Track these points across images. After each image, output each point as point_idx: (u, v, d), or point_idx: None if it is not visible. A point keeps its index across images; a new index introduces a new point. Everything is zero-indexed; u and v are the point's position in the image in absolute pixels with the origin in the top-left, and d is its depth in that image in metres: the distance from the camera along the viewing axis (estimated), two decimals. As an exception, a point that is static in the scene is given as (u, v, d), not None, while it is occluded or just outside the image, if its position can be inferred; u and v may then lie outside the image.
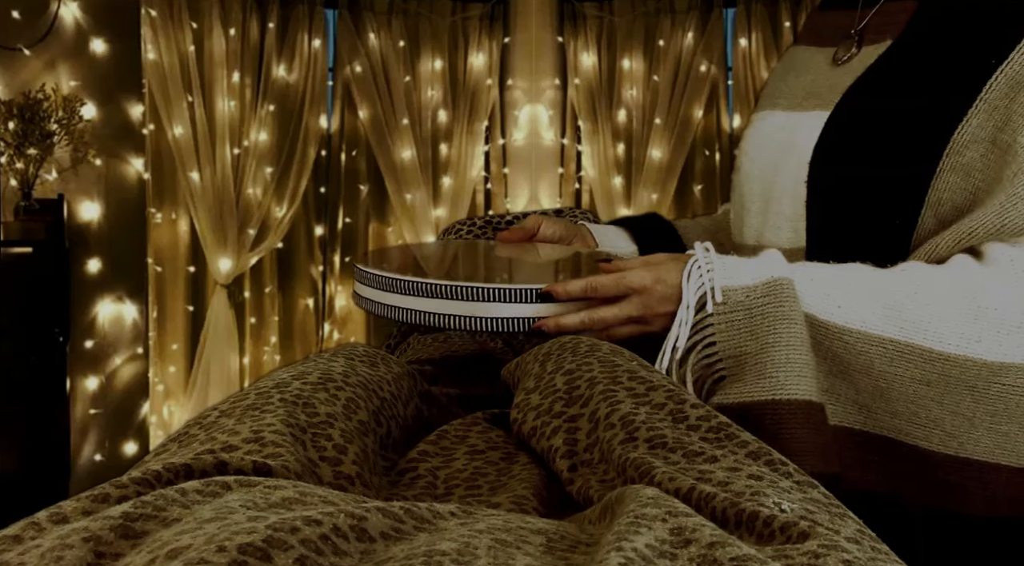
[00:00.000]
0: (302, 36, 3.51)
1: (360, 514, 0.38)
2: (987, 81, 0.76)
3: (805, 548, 0.41)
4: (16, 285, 2.89)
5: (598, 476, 0.57)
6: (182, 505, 0.41)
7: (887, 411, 0.73)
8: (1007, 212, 0.74)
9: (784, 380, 0.71)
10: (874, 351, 0.72)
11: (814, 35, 1.00)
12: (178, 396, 3.50)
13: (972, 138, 0.77)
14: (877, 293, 0.73)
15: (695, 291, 0.76)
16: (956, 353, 0.70)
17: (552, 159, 3.65)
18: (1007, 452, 0.71)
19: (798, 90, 0.94)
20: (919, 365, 0.71)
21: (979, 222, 0.75)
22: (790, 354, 0.71)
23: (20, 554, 0.36)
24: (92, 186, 3.15)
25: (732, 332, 0.74)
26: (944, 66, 0.80)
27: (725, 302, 0.75)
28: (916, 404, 0.71)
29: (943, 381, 0.71)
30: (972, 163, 0.77)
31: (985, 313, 0.71)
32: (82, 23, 3.13)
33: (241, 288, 3.58)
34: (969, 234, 0.76)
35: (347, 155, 3.69)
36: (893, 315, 0.72)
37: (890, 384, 0.72)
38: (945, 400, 0.71)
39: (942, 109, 0.78)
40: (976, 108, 0.76)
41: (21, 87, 3.01)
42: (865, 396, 0.73)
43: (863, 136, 0.83)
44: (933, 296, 0.72)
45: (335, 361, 0.68)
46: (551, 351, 0.73)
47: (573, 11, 3.67)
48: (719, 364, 0.76)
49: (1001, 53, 0.76)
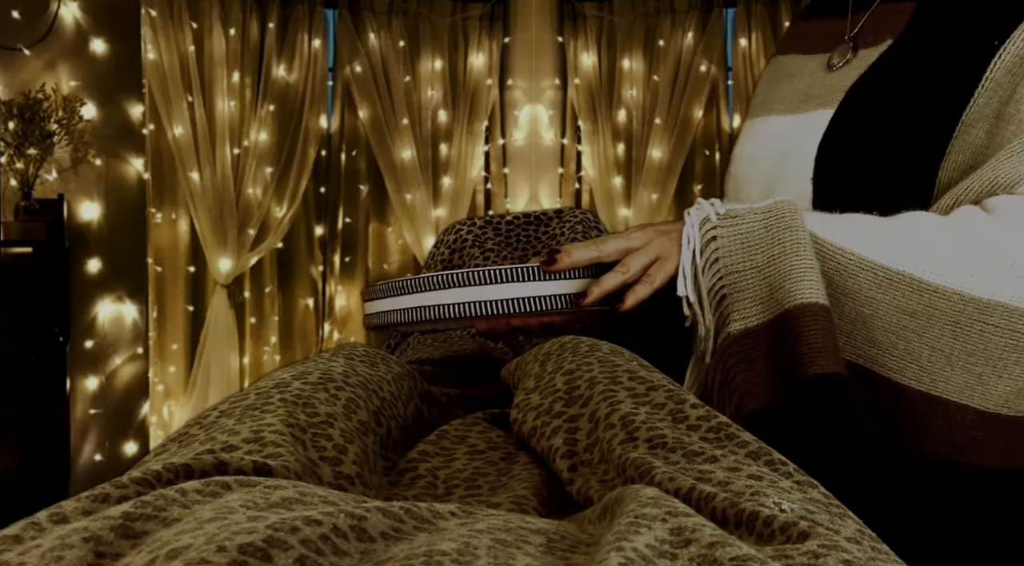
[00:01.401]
0: (302, 36, 3.51)
1: (360, 514, 0.38)
2: (991, 61, 0.78)
3: (805, 548, 0.41)
4: (16, 285, 2.89)
5: (598, 476, 0.57)
6: (182, 505, 0.41)
7: (866, 339, 0.73)
8: (1001, 165, 0.75)
9: (792, 287, 0.71)
10: (864, 275, 0.72)
11: (801, 43, 1.01)
12: (178, 396, 3.50)
13: (978, 116, 0.78)
14: (878, 226, 0.75)
15: (699, 214, 0.76)
16: (946, 286, 0.70)
17: (552, 159, 3.65)
18: (976, 394, 0.71)
19: (794, 94, 0.94)
20: (906, 294, 0.71)
21: (975, 178, 0.77)
22: (795, 261, 0.72)
23: (20, 554, 0.36)
24: (92, 186, 3.15)
25: (732, 247, 0.75)
26: (949, 56, 0.82)
27: (726, 215, 0.75)
28: (896, 334, 0.72)
29: (927, 313, 0.71)
30: (977, 140, 0.79)
31: (981, 250, 0.71)
32: (82, 23, 3.13)
33: (241, 288, 3.58)
34: (966, 189, 0.77)
35: (347, 155, 3.69)
36: (890, 245, 0.73)
37: (874, 310, 0.72)
38: (926, 333, 0.71)
39: (949, 94, 0.79)
40: (983, 87, 0.78)
41: (21, 87, 3.01)
42: (847, 322, 0.73)
43: (871, 127, 0.84)
44: (932, 233, 0.73)
45: (335, 361, 0.68)
46: (551, 351, 0.73)
47: (573, 11, 3.67)
48: (719, 284, 0.75)
49: (1004, 34, 0.78)
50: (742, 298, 0.74)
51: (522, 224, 1.51)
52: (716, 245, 0.75)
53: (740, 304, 0.74)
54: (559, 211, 1.56)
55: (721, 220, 0.75)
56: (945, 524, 0.76)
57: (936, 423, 0.72)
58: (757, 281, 0.74)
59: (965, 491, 0.75)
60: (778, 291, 0.72)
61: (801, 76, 0.96)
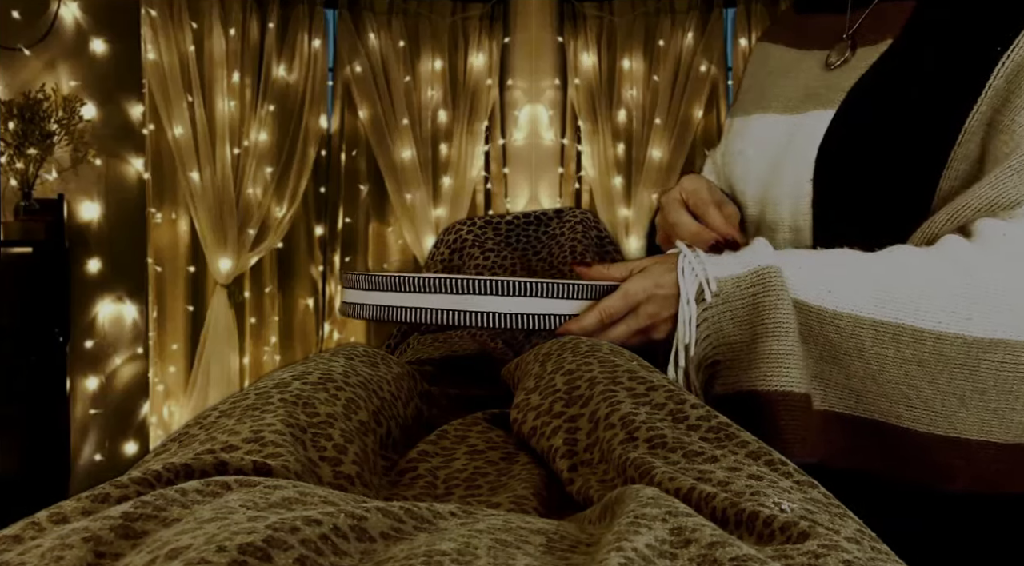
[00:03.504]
0: (302, 36, 3.51)
1: (360, 514, 0.38)
2: (994, 68, 0.77)
3: (805, 548, 0.41)
4: (16, 285, 2.89)
5: (598, 476, 0.57)
6: (182, 505, 0.41)
7: (878, 394, 0.73)
8: (1001, 184, 0.74)
9: (767, 371, 0.73)
10: (865, 334, 0.72)
11: (794, 37, 0.99)
12: (178, 396, 3.50)
13: (979, 124, 0.78)
14: (866, 276, 0.74)
15: (693, 285, 0.76)
16: (947, 331, 0.71)
17: (552, 159, 3.65)
18: (994, 429, 0.72)
19: (792, 93, 0.93)
20: (910, 345, 0.71)
21: (973, 195, 0.76)
22: (774, 346, 0.73)
23: (20, 554, 0.36)
24: (92, 186, 3.15)
25: (723, 323, 0.76)
26: (950, 60, 0.81)
27: (718, 293, 0.76)
28: (907, 385, 0.72)
29: (934, 360, 0.71)
30: (974, 150, 0.78)
31: (975, 290, 0.71)
32: (82, 23, 3.13)
33: (241, 288, 3.58)
34: (964, 207, 0.76)
35: (347, 155, 3.69)
36: (883, 297, 0.72)
37: (881, 366, 0.72)
38: (937, 379, 0.71)
39: (952, 100, 0.79)
40: (985, 95, 0.77)
41: (21, 87, 3.01)
42: (856, 380, 0.74)
43: (873, 131, 0.83)
44: (922, 276, 0.73)
45: (335, 361, 0.68)
46: (551, 351, 0.73)
47: (573, 11, 3.67)
48: (714, 353, 0.77)
49: (1006, 41, 0.77)
50: (732, 366, 0.77)
51: (522, 224, 1.51)
52: (709, 322, 0.77)
53: (729, 372, 0.77)
54: (559, 211, 1.56)
55: (715, 299, 0.77)
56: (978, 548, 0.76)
57: (960, 463, 0.72)
58: (744, 353, 0.75)
59: (997, 513, 0.76)
60: (753, 370, 0.74)
61: (798, 73, 0.94)
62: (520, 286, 0.78)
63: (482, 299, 0.78)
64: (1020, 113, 0.75)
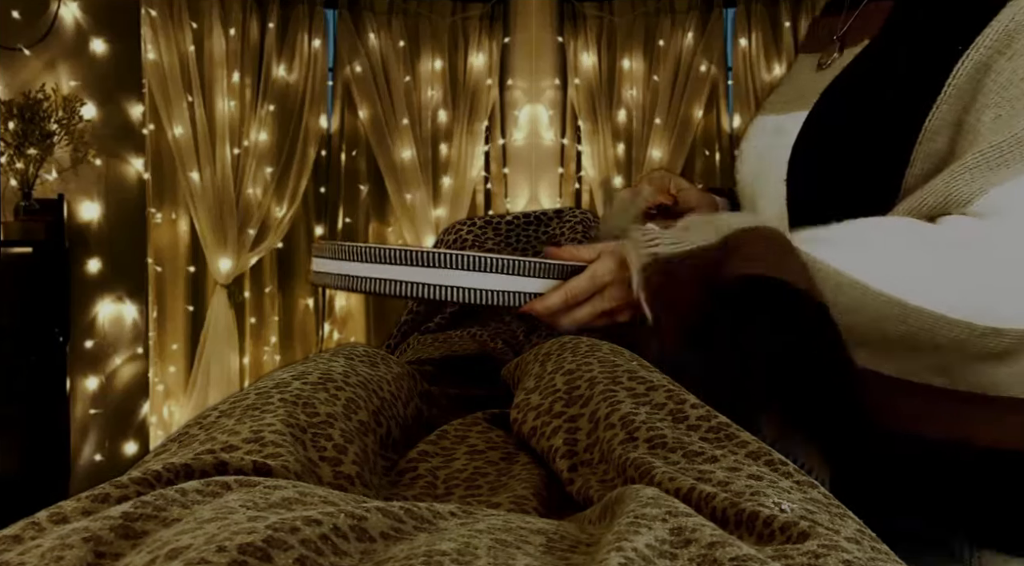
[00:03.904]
0: (302, 36, 3.51)
1: (360, 514, 0.38)
2: (954, 66, 0.77)
3: (805, 548, 0.41)
4: (16, 285, 2.89)
5: (598, 476, 0.57)
6: (182, 505, 0.41)
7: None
8: (955, 180, 0.75)
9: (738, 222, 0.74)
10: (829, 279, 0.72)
11: (809, 42, 1.02)
12: (178, 396, 3.50)
13: (942, 124, 0.78)
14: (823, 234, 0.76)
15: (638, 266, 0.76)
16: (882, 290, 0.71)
17: (552, 159, 3.65)
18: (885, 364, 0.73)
19: (787, 94, 0.95)
20: (843, 290, 0.72)
21: (929, 192, 0.76)
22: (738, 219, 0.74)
23: (20, 554, 0.36)
24: (92, 186, 3.15)
25: (680, 232, 0.76)
26: (915, 59, 0.81)
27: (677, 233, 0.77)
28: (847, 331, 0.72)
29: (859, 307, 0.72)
30: (942, 148, 0.78)
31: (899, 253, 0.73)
32: (82, 23, 3.13)
33: (241, 288, 3.58)
34: (920, 203, 0.76)
35: (347, 155, 3.69)
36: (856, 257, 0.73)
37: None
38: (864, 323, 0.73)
39: (913, 99, 0.79)
40: (945, 94, 0.77)
41: (21, 87, 3.01)
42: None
43: (841, 131, 0.84)
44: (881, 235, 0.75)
45: (335, 361, 0.68)
46: (551, 351, 0.73)
47: (573, 11, 3.67)
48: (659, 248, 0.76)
49: (967, 39, 0.77)
50: (674, 237, 0.76)
51: (522, 224, 1.51)
52: (656, 239, 0.76)
53: (670, 238, 0.76)
54: (559, 211, 1.55)
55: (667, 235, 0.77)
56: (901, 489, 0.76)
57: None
58: (700, 231, 0.76)
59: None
60: (719, 229, 0.74)
61: (797, 75, 0.97)
62: (487, 262, 0.77)
63: (447, 273, 0.76)
64: (983, 112, 0.75)
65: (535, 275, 0.79)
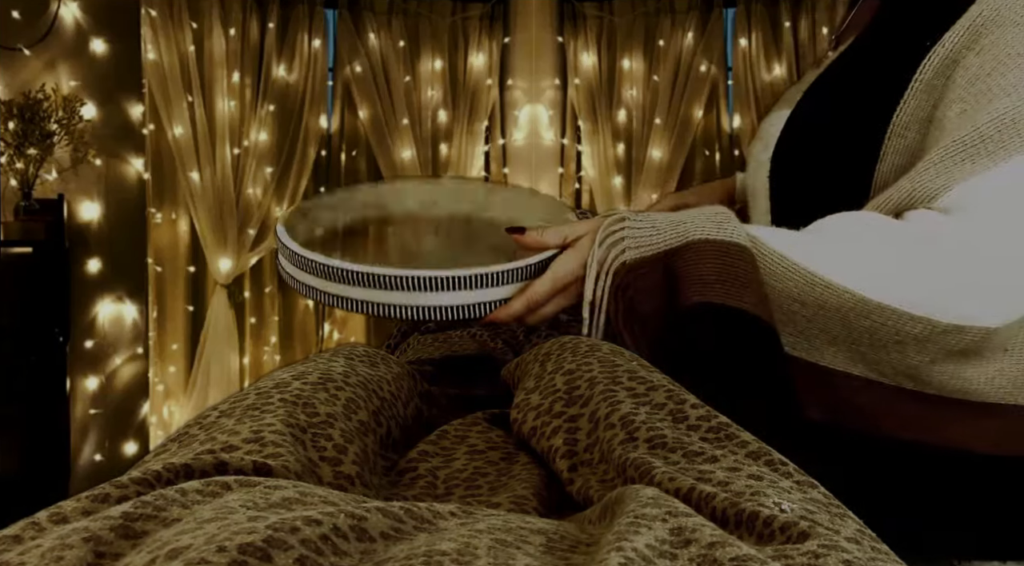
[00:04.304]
0: (302, 36, 3.51)
1: (360, 514, 0.39)
2: (921, 62, 0.77)
3: (805, 548, 0.41)
4: (16, 285, 2.89)
5: (598, 476, 0.57)
6: (182, 505, 0.41)
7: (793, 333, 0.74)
8: (919, 176, 0.74)
9: (698, 227, 0.74)
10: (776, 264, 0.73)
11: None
12: (178, 396, 3.50)
13: (912, 119, 0.78)
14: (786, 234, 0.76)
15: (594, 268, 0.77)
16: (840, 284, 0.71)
17: (552, 159, 3.65)
18: (858, 364, 0.73)
19: (794, 92, 0.96)
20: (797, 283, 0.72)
21: (895, 189, 0.76)
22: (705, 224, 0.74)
23: (20, 554, 0.36)
24: (92, 186, 3.15)
25: (645, 234, 0.76)
26: (887, 56, 0.82)
27: (640, 220, 0.76)
28: (787, 312, 0.73)
29: (817, 303, 0.72)
30: (913, 143, 0.78)
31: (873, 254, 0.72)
32: (82, 23, 3.13)
33: (241, 288, 3.58)
34: (886, 200, 0.76)
35: (347, 155, 3.69)
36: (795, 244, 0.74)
37: (774, 292, 0.73)
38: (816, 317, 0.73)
39: (884, 95, 0.80)
40: (912, 89, 0.77)
41: (21, 87, 3.01)
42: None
43: (814, 128, 0.85)
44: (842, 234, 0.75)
45: (335, 361, 0.68)
46: (551, 351, 0.73)
47: (573, 11, 3.67)
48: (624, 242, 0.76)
49: (935, 36, 0.77)
50: (640, 238, 0.76)
51: (522, 224, 1.51)
52: (624, 233, 0.76)
53: (635, 241, 0.76)
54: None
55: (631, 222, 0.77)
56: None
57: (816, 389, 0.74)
58: (667, 233, 0.75)
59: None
60: (683, 234, 0.74)
61: (811, 72, 0.98)
62: (445, 281, 0.76)
63: (408, 295, 0.76)
64: (950, 107, 0.75)
65: (497, 285, 0.78)
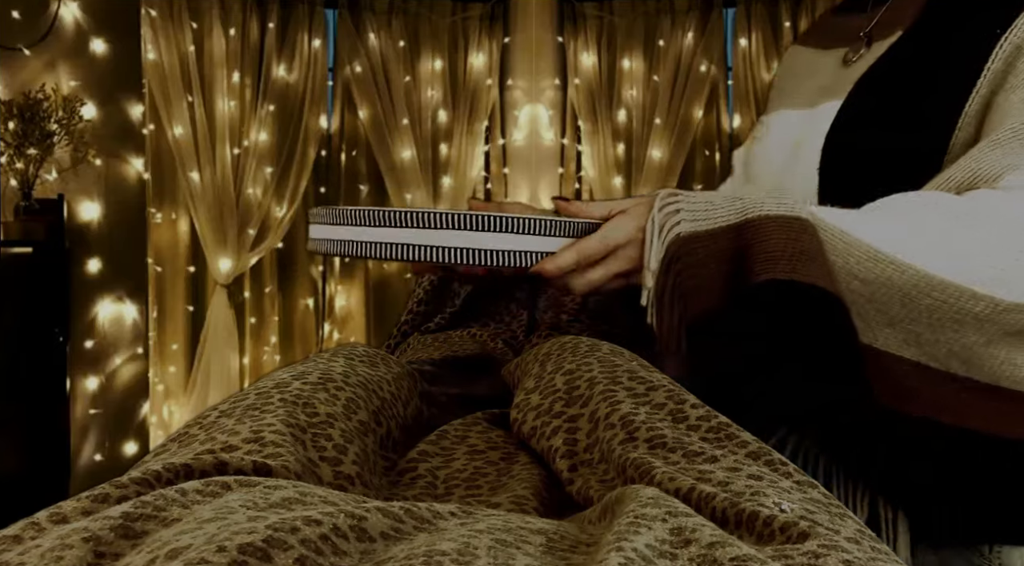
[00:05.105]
0: (302, 36, 3.51)
1: (360, 514, 0.38)
2: (993, 50, 0.77)
3: (805, 548, 0.41)
4: (16, 285, 2.89)
5: (598, 476, 0.57)
6: (182, 505, 0.41)
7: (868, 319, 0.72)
8: (984, 156, 0.74)
9: (763, 204, 0.71)
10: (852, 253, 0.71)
11: (820, 37, 1.02)
12: (178, 396, 3.50)
13: (980, 107, 0.78)
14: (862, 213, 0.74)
15: (658, 232, 0.74)
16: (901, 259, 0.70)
17: (552, 159, 3.65)
18: (911, 348, 0.72)
19: (811, 90, 0.95)
20: (862, 262, 0.71)
21: (957, 168, 0.76)
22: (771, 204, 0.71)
23: (20, 554, 0.36)
24: (92, 186, 3.15)
25: (701, 208, 0.73)
26: (954, 45, 0.82)
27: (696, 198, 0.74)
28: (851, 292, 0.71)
29: (880, 282, 0.70)
30: (974, 134, 0.79)
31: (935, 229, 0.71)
32: (82, 23, 3.13)
33: (241, 288, 3.58)
34: (947, 180, 0.76)
35: (347, 155, 3.69)
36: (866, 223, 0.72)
37: (839, 274, 0.71)
38: (876, 295, 0.71)
39: (953, 83, 0.79)
40: (984, 78, 0.78)
41: (21, 87, 3.01)
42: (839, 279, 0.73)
43: (877, 118, 0.84)
44: (908, 208, 0.74)
45: (335, 361, 0.68)
46: (551, 351, 0.73)
47: (573, 11, 3.67)
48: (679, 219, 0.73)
49: (1005, 23, 0.78)
50: (696, 211, 0.73)
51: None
52: (680, 205, 0.74)
53: (692, 215, 0.73)
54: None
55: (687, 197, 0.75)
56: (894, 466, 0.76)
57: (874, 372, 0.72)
58: (725, 208, 0.73)
59: None
60: (742, 210, 0.72)
61: (818, 71, 0.97)
62: (493, 221, 0.72)
63: (453, 234, 0.72)
64: (1013, 93, 0.75)
65: (544, 233, 0.74)
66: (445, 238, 0.72)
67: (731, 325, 0.71)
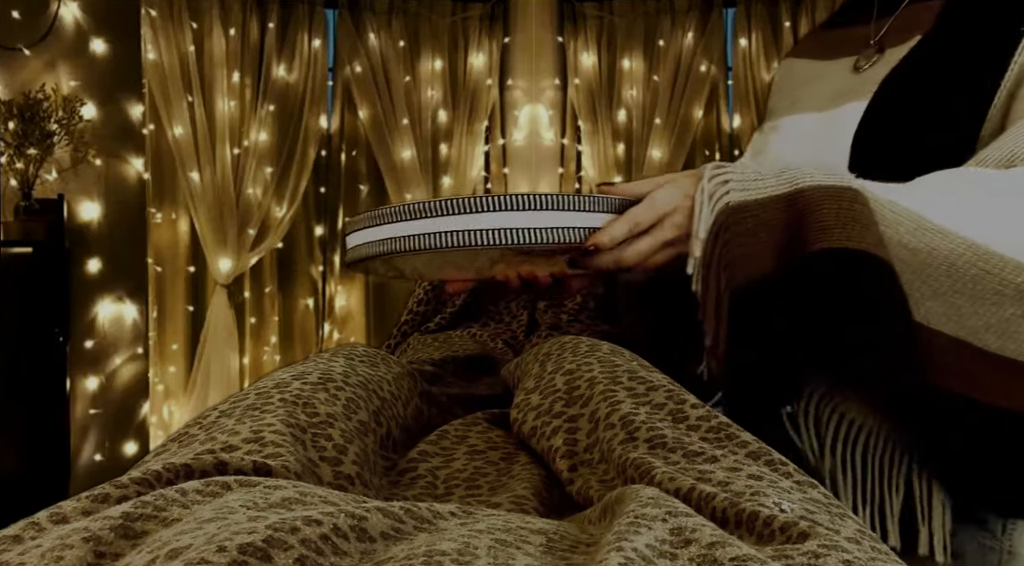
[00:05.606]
0: (302, 36, 3.51)
1: (360, 514, 0.38)
2: (1018, 46, 0.79)
3: (805, 548, 0.41)
4: (16, 285, 2.89)
5: (598, 476, 0.57)
6: (182, 505, 0.41)
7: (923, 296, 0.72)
8: (1020, 137, 0.75)
9: (814, 175, 0.71)
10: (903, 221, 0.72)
11: (819, 49, 1.03)
12: (178, 396, 3.50)
13: (1006, 100, 0.80)
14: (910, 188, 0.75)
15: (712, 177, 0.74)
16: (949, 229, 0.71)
17: (552, 159, 3.65)
18: (951, 322, 0.71)
19: (824, 95, 0.96)
20: (914, 233, 0.71)
21: (993, 149, 0.77)
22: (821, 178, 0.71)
23: (20, 554, 0.36)
24: (92, 186, 3.15)
25: (750, 177, 0.73)
26: (978, 44, 0.84)
27: (745, 170, 0.74)
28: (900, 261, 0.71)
29: (926, 250, 0.71)
30: (999, 127, 0.80)
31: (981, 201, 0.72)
32: (82, 23, 3.13)
33: (241, 288, 3.58)
34: (982, 160, 0.77)
35: (347, 155, 3.69)
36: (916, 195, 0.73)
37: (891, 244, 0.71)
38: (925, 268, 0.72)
39: (979, 79, 0.81)
40: (1011, 72, 0.80)
41: (21, 87, 3.01)
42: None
43: (906, 116, 0.85)
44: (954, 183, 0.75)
45: (335, 361, 0.68)
46: (551, 351, 0.73)
47: (573, 11, 3.67)
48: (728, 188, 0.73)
49: None
50: (746, 180, 0.73)
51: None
52: (729, 175, 0.74)
53: (741, 184, 0.73)
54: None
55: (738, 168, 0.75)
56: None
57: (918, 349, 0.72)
58: (774, 179, 0.73)
59: None
60: (791, 180, 0.72)
61: (826, 78, 0.98)
62: (538, 200, 0.72)
63: (497, 216, 0.72)
64: None
65: (590, 210, 0.74)
66: (491, 221, 0.72)
67: (777, 297, 0.71)
